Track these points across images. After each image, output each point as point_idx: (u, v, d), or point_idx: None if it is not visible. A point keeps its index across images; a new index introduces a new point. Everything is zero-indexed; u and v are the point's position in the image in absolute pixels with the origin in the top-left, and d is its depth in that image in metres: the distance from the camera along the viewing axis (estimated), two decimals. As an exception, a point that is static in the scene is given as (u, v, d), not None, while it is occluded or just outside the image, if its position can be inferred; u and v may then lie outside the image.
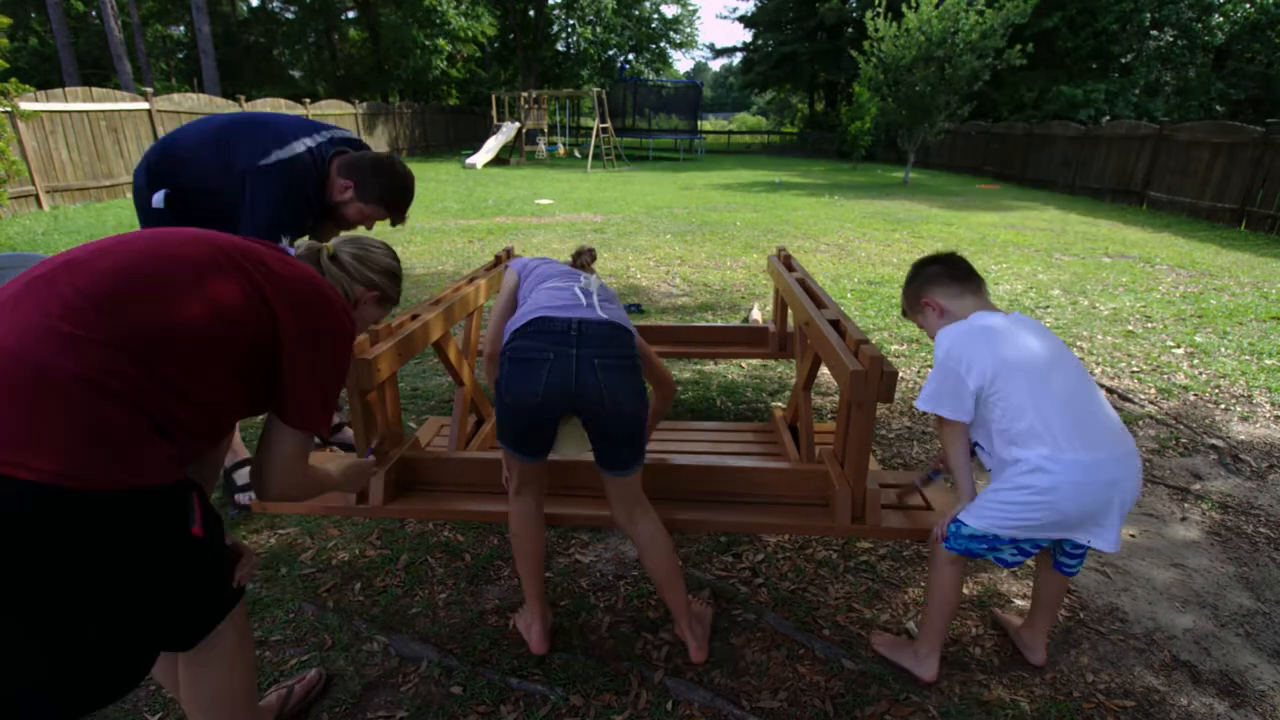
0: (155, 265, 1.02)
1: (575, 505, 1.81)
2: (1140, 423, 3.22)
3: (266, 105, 14.27)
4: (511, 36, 28.17)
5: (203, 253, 1.06)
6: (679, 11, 32.17)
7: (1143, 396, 3.51)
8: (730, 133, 38.78)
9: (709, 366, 3.84)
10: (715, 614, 1.87)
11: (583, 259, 2.13)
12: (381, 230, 8.13)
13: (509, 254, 3.05)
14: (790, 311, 2.50)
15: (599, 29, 27.80)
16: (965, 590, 2.04)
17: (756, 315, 4.58)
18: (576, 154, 21.83)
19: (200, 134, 2.07)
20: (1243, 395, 3.55)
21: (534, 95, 20.80)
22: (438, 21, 21.35)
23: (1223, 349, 4.24)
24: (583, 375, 1.44)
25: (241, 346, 1.06)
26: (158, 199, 2.02)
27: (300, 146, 2.02)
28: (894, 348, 4.19)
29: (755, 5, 31.66)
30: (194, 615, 1.10)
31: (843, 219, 9.56)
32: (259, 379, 1.11)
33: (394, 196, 2.13)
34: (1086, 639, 1.86)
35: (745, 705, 1.62)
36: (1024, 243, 7.89)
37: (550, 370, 1.44)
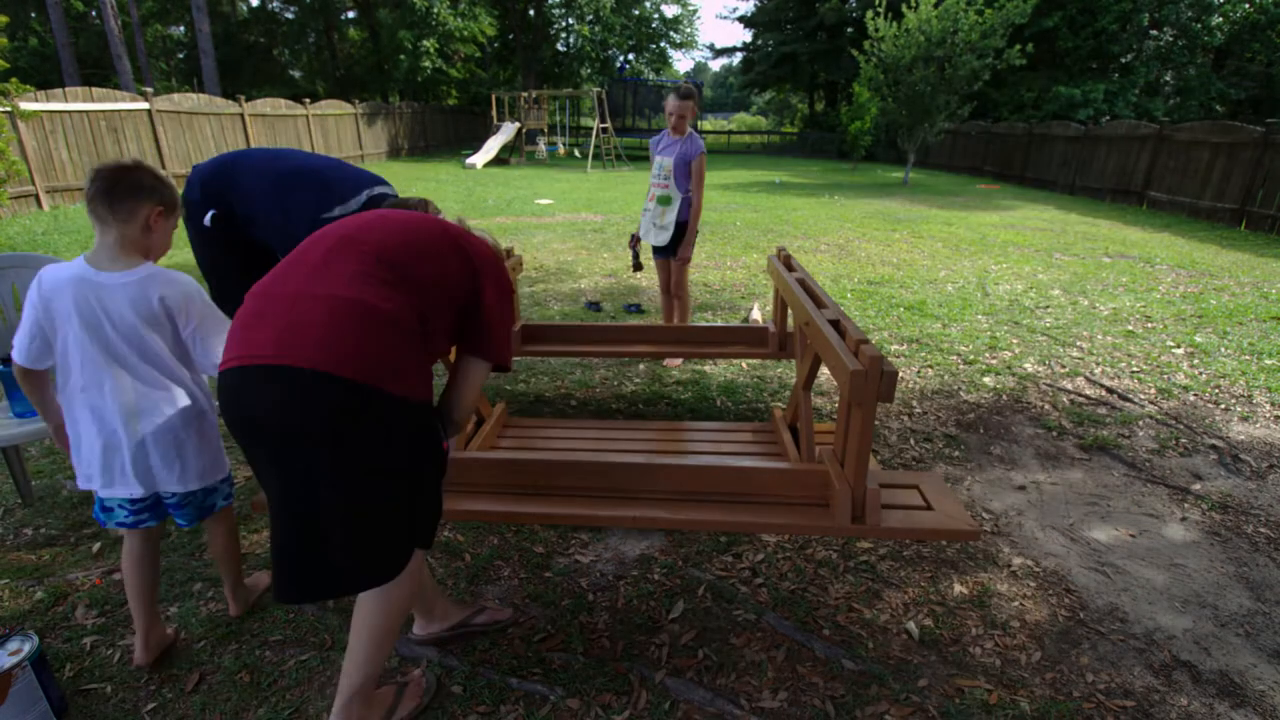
0: (421, 238, 1.36)
1: (576, 505, 1.81)
2: (1140, 423, 3.22)
3: (266, 105, 14.26)
4: (511, 36, 28.16)
5: (440, 230, 1.41)
6: (679, 11, 32.12)
7: (1143, 396, 3.51)
8: (730, 133, 38.75)
9: (709, 366, 3.84)
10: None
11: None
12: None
13: (509, 254, 3.05)
14: (790, 311, 2.50)
15: (598, 29, 27.78)
16: (965, 590, 2.04)
17: (756, 315, 4.58)
18: (576, 154, 21.82)
19: (264, 173, 2.21)
20: (1243, 395, 3.55)
21: (534, 95, 20.79)
22: (432, 23, 21.33)
23: (1223, 349, 4.24)
24: None
25: (461, 299, 1.39)
26: (208, 219, 2.19)
27: (355, 205, 2.18)
28: (894, 348, 4.19)
29: (755, 5, 31.65)
30: (434, 513, 1.42)
31: (843, 219, 9.56)
32: (460, 326, 1.42)
33: None
34: (1086, 639, 1.86)
35: (745, 705, 1.62)
36: (1024, 243, 7.89)
37: None
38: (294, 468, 1.19)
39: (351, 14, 27.10)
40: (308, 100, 16.22)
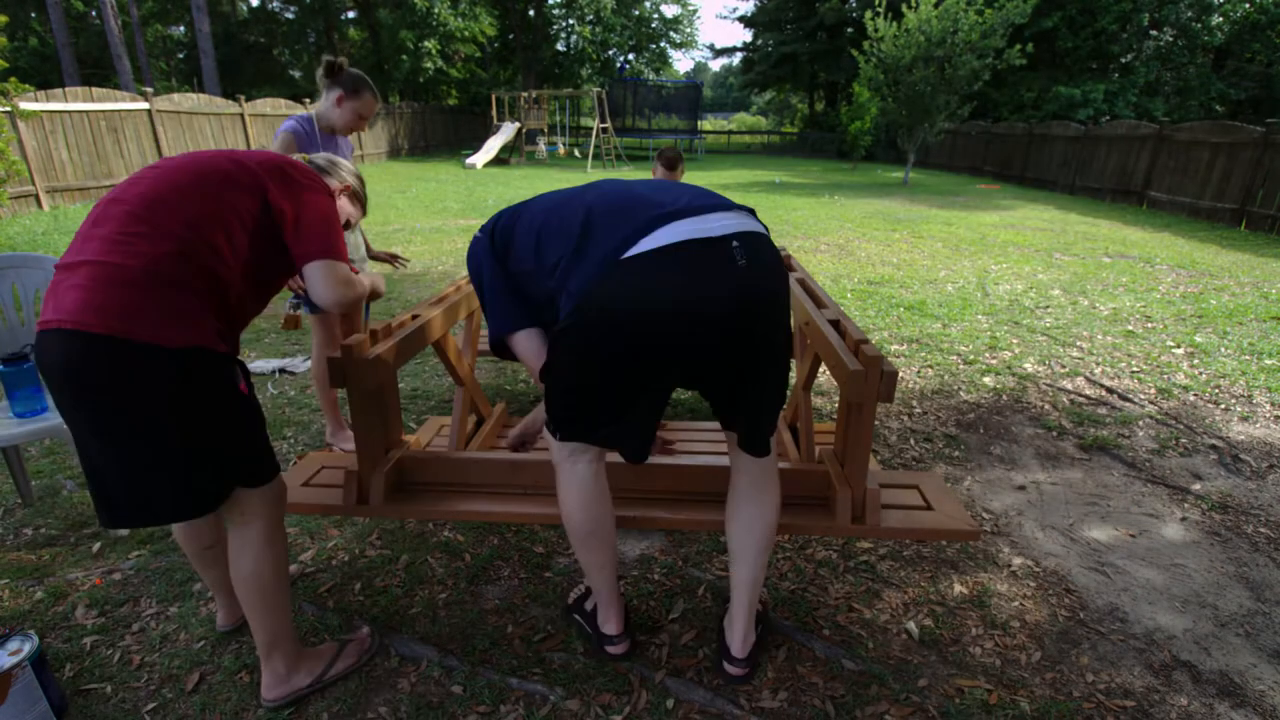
0: (186, 178, 1.37)
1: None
2: (1140, 423, 3.22)
3: (266, 105, 14.26)
4: (511, 36, 28.17)
5: (210, 161, 1.41)
6: (679, 11, 32.14)
7: (1143, 396, 3.51)
8: (730, 133, 38.76)
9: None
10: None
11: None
12: (382, 227, 8.13)
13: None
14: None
15: (598, 29, 27.78)
16: (965, 590, 2.04)
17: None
18: (576, 154, 21.82)
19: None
20: (1243, 395, 3.55)
21: (534, 95, 20.80)
22: (432, 23, 21.33)
23: (1223, 349, 4.24)
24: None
25: (254, 221, 1.39)
26: None
27: None
28: (894, 348, 4.19)
29: (755, 5, 31.67)
30: (245, 453, 1.46)
31: (843, 219, 9.56)
32: (272, 244, 1.44)
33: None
34: (1086, 639, 1.86)
35: (745, 705, 1.62)
36: (1024, 243, 7.89)
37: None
38: (74, 416, 1.31)
39: (352, 14, 27.10)
40: (308, 100, 16.22)
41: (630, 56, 30.94)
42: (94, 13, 22.68)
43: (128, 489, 1.34)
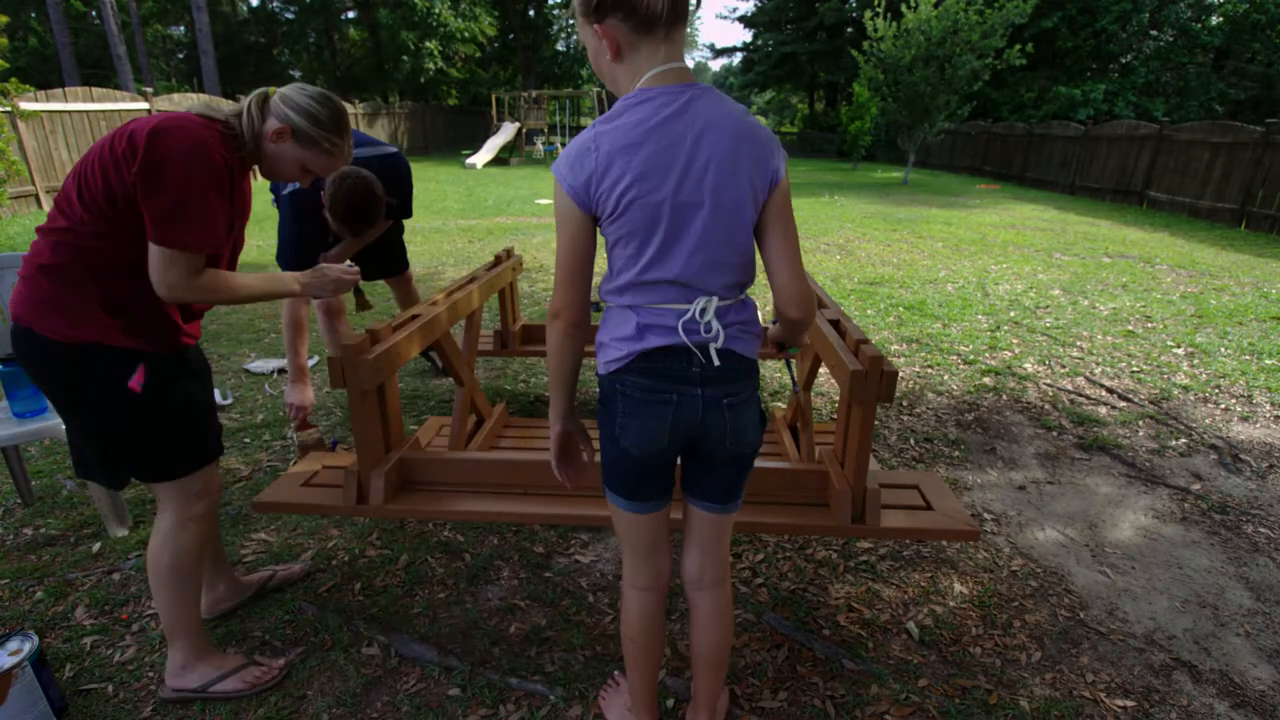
0: (83, 162, 1.34)
1: (576, 505, 1.81)
2: (1141, 423, 3.22)
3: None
4: (511, 36, 28.16)
5: (114, 136, 1.32)
6: (679, 11, 32.10)
7: (1143, 396, 3.51)
8: (730, 133, 38.63)
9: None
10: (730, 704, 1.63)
11: None
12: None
13: (509, 254, 3.05)
14: (790, 311, 2.50)
15: (599, 29, 27.74)
16: (965, 590, 2.04)
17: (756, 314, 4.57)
18: (576, 154, 21.78)
19: None
20: (1243, 395, 3.55)
21: (534, 95, 20.80)
22: (433, 24, 21.33)
23: (1223, 349, 4.24)
24: (709, 417, 1.19)
25: (129, 198, 1.30)
26: (288, 189, 2.46)
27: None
28: (894, 348, 4.19)
29: (755, 5, 31.64)
30: (136, 449, 1.47)
31: (843, 219, 9.56)
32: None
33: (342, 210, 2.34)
34: (1086, 639, 1.86)
35: (745, 705, 1.62)
36: (1024, 243, 7.89)
37: (675, 412, 1.17)
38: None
39: (351, 14, 27.10)
40: (308, 100, 16.20)
41: (630, 56, 30.90)
42: (94, 13, 22.68)
43: (72, 446, 1.54)
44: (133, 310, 1.38)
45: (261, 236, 7.22)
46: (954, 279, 5.99)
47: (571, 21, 27.60)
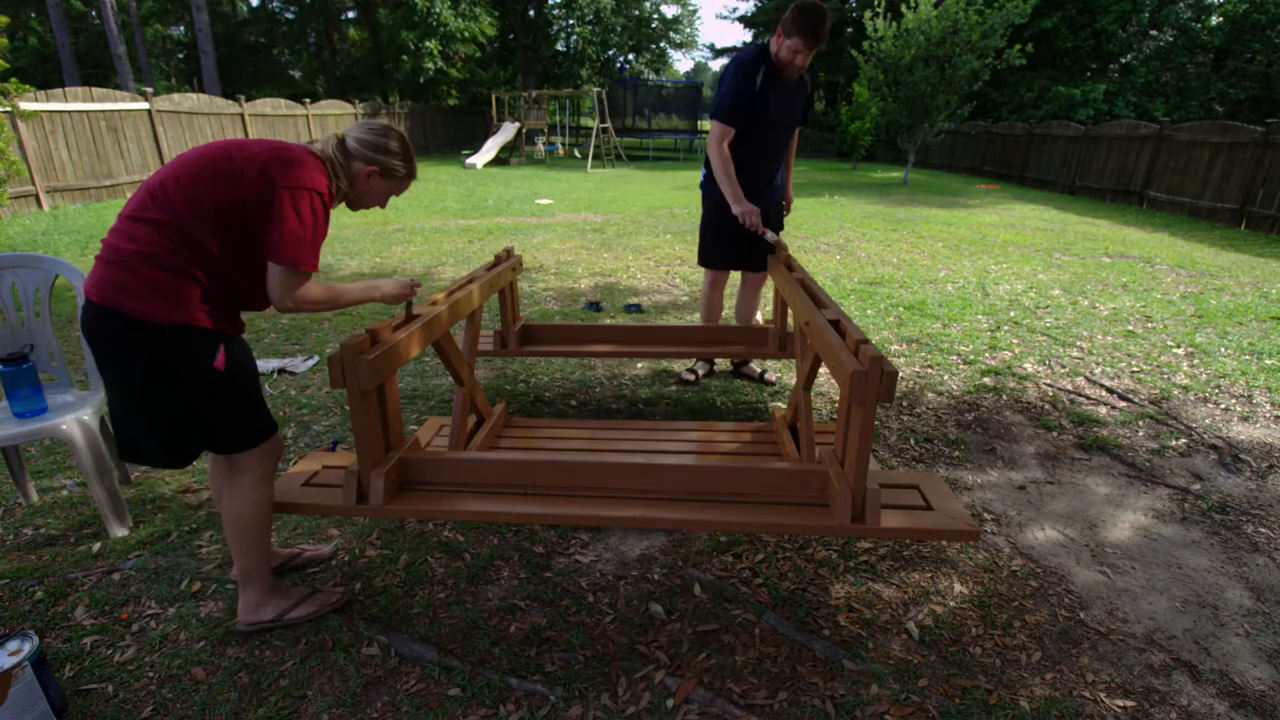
0: (194, 166, 1.51)
1: (576, 505, 1.81)
2: (1141, 423, 3.22)
3: (266, 105, 14.27)
4: (511, 36, 28.15)
5: (223, 150, 1.53)
6: (679, 11, 32.15)
7: (1143, 396, 3.51)
8: (730, 133, 38.66)
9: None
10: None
11: None
12: (381, 227, 8.13)
13: (509, 254, 3.05)
14: (790, 311, 2.50)
15: (598, 29, 27.77)
16: (965, 590, 2.04)
17: (757, 315, 4.57)
18: (576, 154, 21.82)
19: None
20: (1243, 395, 3.55)
21: (534, 95, 20.80)
22: (432, 23, 21.32)
23: (1223, 349, 4.24)
24: None
25: (256, 211, 1.52)
26: None
27: None
28: (894, 348, 4.19)
29: (755, 5, 31.65)
30: (218, 423, 1.63)
31: (843, 219, 9.56)
32: (253, 238, 1.55)
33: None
34: (1086, 639, 1.86)
35: (745, 705, 1.62)
36: (1024, 243, 7.89)
37: None
38: (98, 365, 1.57)
39: (351, 14, 27.11)
40: (308, 100, 16.22)
41: (630, 57, 30.93)
42: (94, 13, 22.68)
43: (126, 430, 1.62)
44: (217, 298, 1.56)
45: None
46: (954, 279, 6.00)
47: (571, 21, 27.74)
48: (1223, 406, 3.41)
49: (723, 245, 3.32)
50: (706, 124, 3.87)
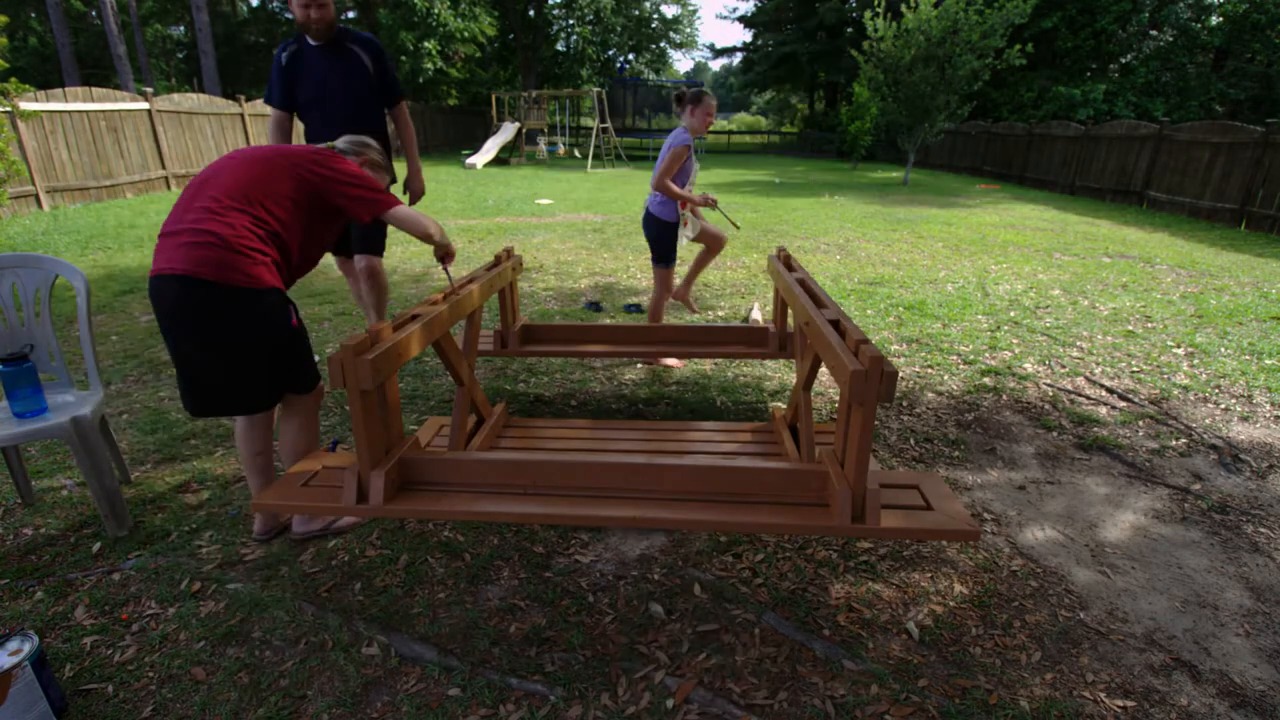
0: (256, 168, 1.90)
1: (576, 505, 1.81)
2: (1141, 423, 3.22)
3: (266, 105, 14.25)
4: (511, 36, 28.16)
5: (274, 154, 1.94)
6: (679, 11, 32.16)
7: (1143, 396, 3.51)
8: (730, 133, 38.77)
9: (709, 366, 3.84)
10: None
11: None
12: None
13: (509, 254, 3.05)
14: (790, 311, 2.50)
15: (598, 29, 27.78)
16: (965, 590, 2.04)
17: (757, 315, 4.57)
18: (576, 154, 21.82)
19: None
20: (1243, 395, 3.55)
21: (534, 95, 20.80)
22: (432, 24, 21.32)
23: (1223, 349, 4.24)
24: None
25: (305, 199, 1.95)
26: None
27: None
28: (894, 348, 4.19)
29: (755, 5, 31.66)
30: (296, 368, 2.04)
31: (843, 219, 9.56)
32: (320, 217, 2.02)
33: None
34: (1086, 639, 1.86)
35: (745, 705, 1.62)
36: (1024, 243, 7.89)
37: None
38: (178, 335, 1.83)
39: (351, 14, 27.10)
40: (308, 100, 16.20)
41: (630, 57, 30.93)
42: (94, 13, 22.68)
43: (212, 389, 1.90)
44: (285, 269, 1.95)
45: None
46: (954, 279, 6.00)
47: (571, 21, 27.75)
48: (1223, 406, 3.41)
49: None
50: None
